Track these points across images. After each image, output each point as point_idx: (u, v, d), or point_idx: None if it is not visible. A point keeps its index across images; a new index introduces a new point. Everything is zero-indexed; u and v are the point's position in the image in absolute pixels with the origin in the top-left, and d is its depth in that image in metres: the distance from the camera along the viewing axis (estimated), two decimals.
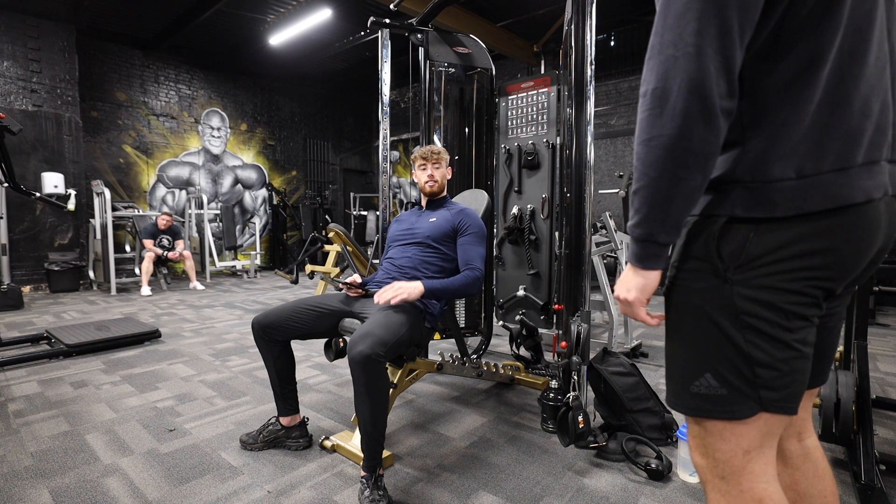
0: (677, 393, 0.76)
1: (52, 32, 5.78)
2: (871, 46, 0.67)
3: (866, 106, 0.67)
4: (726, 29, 0.61)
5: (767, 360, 0.68)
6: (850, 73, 0.66)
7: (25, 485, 1.55)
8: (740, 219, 0.68)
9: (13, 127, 3.27)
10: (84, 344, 3.02)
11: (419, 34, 2.83)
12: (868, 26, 0.67)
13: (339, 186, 10.07)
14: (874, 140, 0.68)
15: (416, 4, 5.18)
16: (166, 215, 5.95)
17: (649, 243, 0.71)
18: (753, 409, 0.69)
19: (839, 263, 0.67)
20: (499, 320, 3.26)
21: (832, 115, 0.66)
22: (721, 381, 0.70)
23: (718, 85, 0.63)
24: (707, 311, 0.71)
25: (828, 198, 0.65)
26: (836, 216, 0.65)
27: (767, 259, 0.67)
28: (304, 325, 1.76)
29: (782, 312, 0.67)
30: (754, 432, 0.71)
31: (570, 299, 1.90)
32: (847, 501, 1.47)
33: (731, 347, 0.69)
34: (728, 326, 0.69)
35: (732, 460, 0.72)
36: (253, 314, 4.43)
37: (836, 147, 0.66)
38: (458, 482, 1.58)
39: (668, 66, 0.64)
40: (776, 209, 0.66)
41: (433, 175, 1.99)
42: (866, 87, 0.67)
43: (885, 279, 1.97)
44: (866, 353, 1.74)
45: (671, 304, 0.78)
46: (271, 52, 7.42)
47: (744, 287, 0.68)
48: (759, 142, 0.68)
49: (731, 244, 0.69)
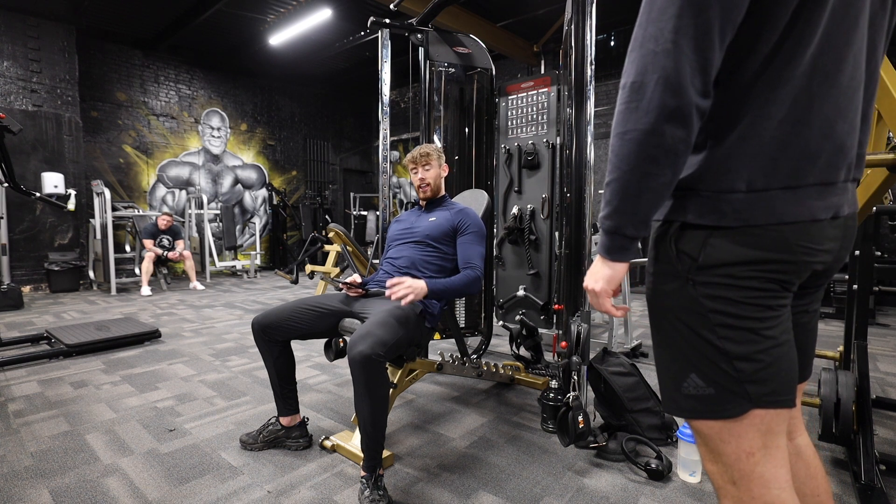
0: (671, 396, 0.77)
1: (52, 32, 5.78)
2: (846, 68, 0.67)
3: (829, 127, 0.67)
4: (706, 29, 0.61)
5: (744, 353, 0.69)
6: (819, 93, 0.66)
7: (25, 485, 1.55)
8: (693, 224, 0.70)
9: (13, 127, 3.27)
10: (84, 344, 3.02)
11: (419, 34, 2.83)
12: (845, 46, 0.67)
13: (339, 186, 10.07)
14: (831, 161, 0.69)
15: (416, 4, 5.18)
16: (166, 215, 5.95)
17: (618, 236, 0.72)
18: (743, 406, 0.69)
19: (786, 270, 0.69)
20: (499, 320, 3.26)
21: (791, 133, 0.66)
22: (706, 379, 0.71)
23: (694, 84, 0.63)
24: (678, 312, 0.73)
25: (771, 214, 0.67)
26: (778, 230, 0.67)
27: (723, 260, 0.68)
28: (304, 325, 1.76)
29: (747, 306, 0.68)
30: (752, 431, 0.71)
31: (570, 299, 1.90)
32: (847, 501, 1.47)
33: (706, 345, 0.70)
34: (699, 325, 0.71)
35: (738, 464, 0.71)
36: (253, 314, 4.43)
37: (790, 165, 0.67)
38: (458, 482, 1.58)
39: (647, 60, 0.64)
40: (724, 219, 0.68)
41: (424, 178, 1.99)
42: (833, 108, 0.67)
43: (885, 279, 1.97)
44: (866, 353, 1.74)
45: (651, 308, 0.79)
46: (271, 52, 7.43)
47: (706, 286, 0.70)
48: (717, 151, 0.69)
49: (689, 247, 0.71)
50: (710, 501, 1.47)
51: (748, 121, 0.67)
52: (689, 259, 0.71)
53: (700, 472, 1.58)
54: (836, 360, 2.10)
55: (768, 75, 0.66)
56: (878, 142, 1.50)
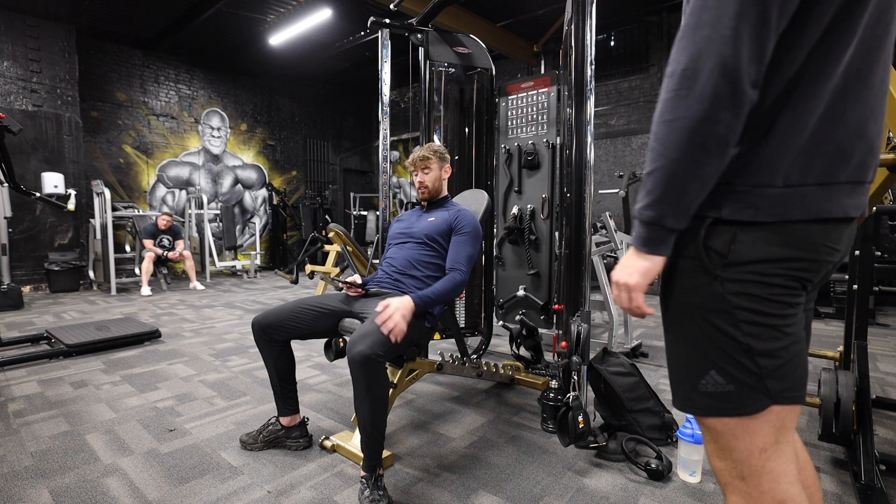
0: (686, 394, 0.76)
1: (52, 32, 5.78)
2: (878, 69, 0.68)
3: (862, 126, 0.68)
4: (766, 17, 0.61)
5: (767, 349, 0.69)
6: (854, 92, 0.67)
7: (25, 485, 1.55)
8: (726, 220, 0.70)
9: (13, 127, 3.27)
10: (84, 344, 3.02)
11: (419, 34, 2.83)
12: (878, 49, 0.67)
13: (339, 186, 10.07)
14: (864, 161, 0.70)
15: (416, 4, 5.18)
16: (166, 215, 5.95)
17: (657, 227, 0.70)
18: (764, 402, 0.70)
19: (808, 269, 0.70)
20: (499, 320, 3.26)
21: (828, 130, 0.67)
22: (726, 376, 0.71)
23: (749, 73, 0.62)
24: (702, 308, 0.72)
25: (806, 209, 0.67)
26: (806, 229, 0.68)
27: (753, 257, 0.69)
28: (304, 325, 1.76)
29: (772, 303, 0.69)
30: (767, 428, 0.71)
31: (570, 299, 1.90)
32: (847, 501, 1.47)
33: (730, 342, 0.70)
34: (724, 322, 0.70)
35: (750, 459, 0.72)
36: (253, 314, 4.43)
37: (825, 162, 0.67)
38: (458, 482, 1.58)
39: (701, 46, 0.63)
40: (759, 214, 0.68)
41: (422, 181, 1.99)
42: (866, 108, 0.68)
43: (885, 279, 1.97)
44: (866, 353, 1.74)
45: (668, 304, 0.78)
46: (271, 52, 7.42)
47: (734, 283, 0.70)
48: (757, 145, 0.68)
49: (719, 243, 0.70)
50: (710, 501, 1.47)
51: (788, 115, 0.66)
52: (717, 256, 0.70)
53: (700, 473, 1.58)
54: (836, 360, 2.10)
55: (810, 71, 0.65)
56: None
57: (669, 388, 0.80)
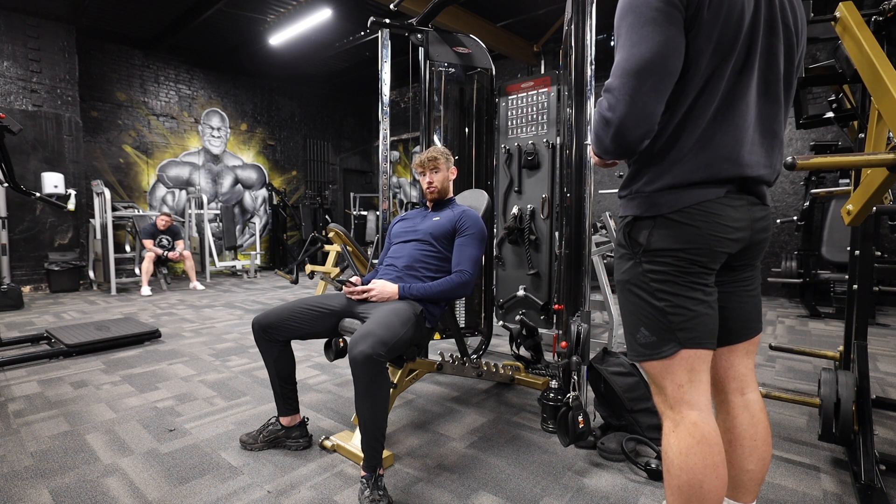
0: (631, 346, 1.05)
1: (52, 32, 5.78)
2: (739, 111, 0.94)
3: (723, 148, 0.94)
4: (663, 89, 0.90)
5: (673, 308, 0.97)
6: (720, 129, 0.94)
7: (25, 485, 1.55)
8: (641, 217, 0.99)
9: (13, 127, 3.26)
10: (84, 344, 3.02)
11: (419, 34, 2.83)
12: (738, 99, 0.94)
13: (339, 186, 10.07)
14: (723, 167, 0.95)
15: (416, 4, 5.18)
16: (165, 216, 5.95)
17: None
18: (674, 347, 0.97)
19: (701, 254, 0.96)
20: (499, 320, 3.26)
21: (699, 153, 0.94)
22: (651, 330, 1.00)
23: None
24: (631, 284, 1.03)
25: (688, 199, 0.96)
26: (695, 227, 0.95)
27: (659, 247, 0.97)
28: (305, 325, 1.76)
29: (676, 275, 0.97)
30: (682, 368, 0.98)
31: (570, 299, 1.90)
32: (847, 501, 1.47)
33: (649, 306, 1.00)
34: (644, 292, 1.00)
35: (673, 393, 0.99)
36: (253, 314, 4.43)
37: (698, 172, 0.95)
38: (458, 482, 1.58)
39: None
40: (661, 209, 0.97)
41: (432, 181, 2.02)
42: (731, 138, 0.94)
43: (885, 279, 1.97)
44: (866, 353, 1.74)
45: (616, 283, 1.08)
46: (271, 52, 7.42)
47: (649, 264, 0.99)
48: (655, 168, 0.98)
49: (638, 235, 1.00)
50: None
51: (673, 148, 0.96)
52: (638, 245, 1.01)
53: None
54: (836, 360, 2.10)
55: (688, 119, 0.94)
56: (879, 142, 1.48)
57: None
